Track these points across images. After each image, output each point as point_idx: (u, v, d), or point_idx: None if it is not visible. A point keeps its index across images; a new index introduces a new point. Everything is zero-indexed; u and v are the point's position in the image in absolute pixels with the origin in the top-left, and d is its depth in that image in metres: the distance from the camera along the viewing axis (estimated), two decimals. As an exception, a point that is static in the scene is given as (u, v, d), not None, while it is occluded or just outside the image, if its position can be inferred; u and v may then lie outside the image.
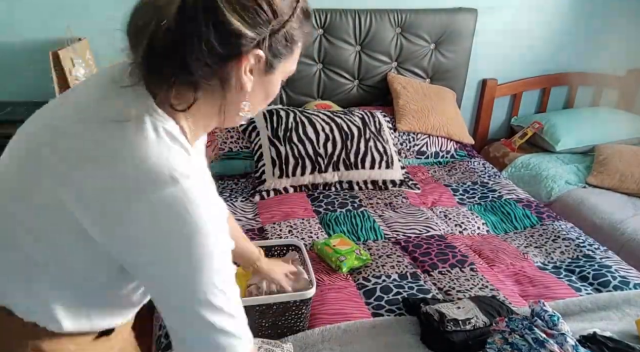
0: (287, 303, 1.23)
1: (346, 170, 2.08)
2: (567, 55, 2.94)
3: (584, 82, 3.01)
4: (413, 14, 2.49)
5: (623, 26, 2.90)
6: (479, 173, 2.34)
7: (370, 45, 2.49)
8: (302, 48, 0.76)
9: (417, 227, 1.83)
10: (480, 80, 2.87)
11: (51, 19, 2.12)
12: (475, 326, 1.23)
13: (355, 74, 2.55)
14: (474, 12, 2.60)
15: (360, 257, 1.58)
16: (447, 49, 2.61)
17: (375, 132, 2.18)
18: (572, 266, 1.65)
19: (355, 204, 1.97)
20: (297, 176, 2.03)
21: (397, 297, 1.43)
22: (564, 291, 1.50)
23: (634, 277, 1.57)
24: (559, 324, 1.13)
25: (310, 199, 2.00)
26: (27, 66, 2.15)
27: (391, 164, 2.14)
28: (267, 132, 2.09)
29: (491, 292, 1.47)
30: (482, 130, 2.98)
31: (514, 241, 1.81)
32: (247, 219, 1.85)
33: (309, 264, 1.32)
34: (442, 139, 2.48)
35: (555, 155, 2.68)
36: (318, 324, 1.31)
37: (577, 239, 1.80)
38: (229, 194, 2.02)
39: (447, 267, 1.60)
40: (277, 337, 1.25)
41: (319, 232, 1.78)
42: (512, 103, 3.00)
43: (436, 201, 2.07)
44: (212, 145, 2.16)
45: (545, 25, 2.83)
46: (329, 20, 2.39)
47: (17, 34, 2.12)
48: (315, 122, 2.12)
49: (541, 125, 2.76)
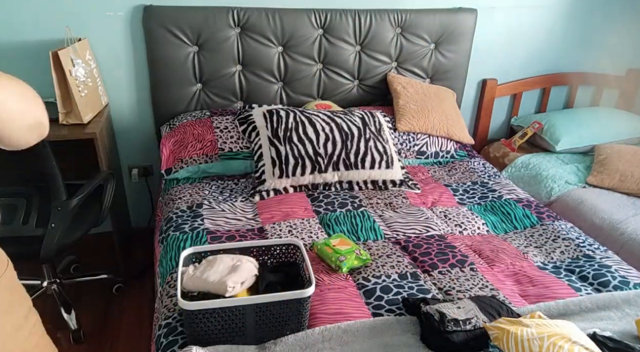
0: (285, 302, 1.23)
1: (346, 170, 2.08)
2: (567, 55, 2.95)
3: (584, 82, 3.01)
4: (413, 14, 2.49)
5: (623, 26, 2.90)
6: (479, 173, 2.34)
7: (370, 45, 2.49)
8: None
9: (417, 227, 1.83)
10: (480, 80, 2.88)
11: (51, 19, 2.12)
12: (475, 326, 1.23)
13: (355, 74, 2.55)
14: (474, 12, 2.60)
15: (360, 257, 1.58)
16: (447, 49, 2.62)
17: (375, 132, 2.18)
18: (572, 266, 1.66)
19: (355, 204, 1.97)
20: (297, 175, 2.03)
21: (397, 297, 1.43)
22: (564, 290, 1.50)
23: (634, 277, 1.57)
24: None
25: (310, 199, 2.00)
26: (27, 66, 2.16)
27: (391, 164, 2.14)
28: (267, 132, 2.09)
29: (491, 292, 1.47)
30: (482, 130, 2.98)
31: (514, 241, 1.81)
32: (247, 219, 1.85)
33: (309, 264, 1.32)
34: (442, 139, 2.48)
35: (555, 155, 2.69)
36: (318, 324, 1.31)
37: (577, 239, 1.80)
38: (229, 194, 2.02)
39: (447, 267, 1.60)
40: (276, 337, 1.25)
41: (319, 232, 1.78)
42: (512, 103, 3.00)
43: (436, 201, 2.07)
44: (211, 145, 2.16)
45: (545, 25, 2.83)
46: (329, 20, 2.39)
47: (17, 34, 2.12)
48: (315, 122, 2.12)
49: (541, 125, 2.77)
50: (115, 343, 2.02)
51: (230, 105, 2.44)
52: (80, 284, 2.31)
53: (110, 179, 2.01)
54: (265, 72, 2.40)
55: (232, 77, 2.38)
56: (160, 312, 1.41)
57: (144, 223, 2.65)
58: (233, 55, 2.34)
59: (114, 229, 2.30)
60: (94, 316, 2.16)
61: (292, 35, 2.36)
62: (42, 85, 2.14)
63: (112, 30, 2.22)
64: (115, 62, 2.29)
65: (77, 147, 2.09)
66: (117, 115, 2.40)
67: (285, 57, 2.40)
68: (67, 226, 1.81)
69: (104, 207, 1.99)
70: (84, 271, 2.43)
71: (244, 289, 1.28)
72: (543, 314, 1.27)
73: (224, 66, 2.35)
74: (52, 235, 1.76)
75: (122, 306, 2.23)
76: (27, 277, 2.18)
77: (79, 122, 2.03)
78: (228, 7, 2.26)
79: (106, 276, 2.29)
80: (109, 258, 2.41)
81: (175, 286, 1.47)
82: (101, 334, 2.07)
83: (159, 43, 2.22)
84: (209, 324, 1.20)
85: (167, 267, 1.59)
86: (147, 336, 1.93)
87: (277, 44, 2.37)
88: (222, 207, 1.91)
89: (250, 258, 1.38)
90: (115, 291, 2.30)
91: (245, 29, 2.31)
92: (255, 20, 2.30)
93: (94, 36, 2.20)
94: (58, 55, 1.90)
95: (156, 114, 2.40)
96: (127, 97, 2.39)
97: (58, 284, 2.14)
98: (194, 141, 2.16)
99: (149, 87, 2.36)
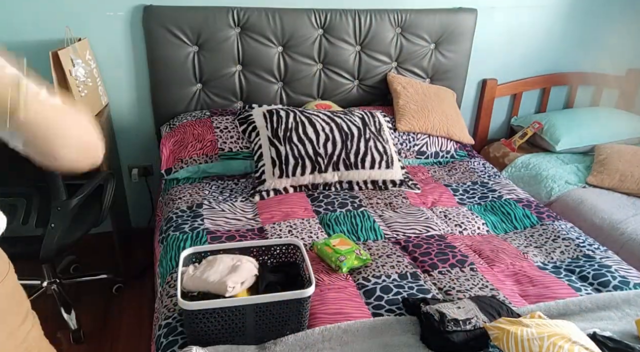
0: (285, 302, 1.23)
1: (346, 170, 2.08)
2: (567, 55, 2.94)
3: (584, 82, 3.01)
4: (413, 14, 2.49)
5: (623, 26, 2.90)
6: (479, 173, 2.34)
7: (370, 45, 2.49)
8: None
9: (417, 227, 1.83)
10: (480, 80, 2.88)
11: (51, 19, 2.12)
12: (475, 326, 1.23)
13: (355, 74, 2.55)
14: (474, 12, 2.60)
15: (360, 257, 1.58)
16: (447, 49, 2.62)
17: (375, 132, 2.18)
18: (572, 266, 1.66)
19: (355, 204, 1.97)
20: (297, 176, 2.03)
21: (397, 297, 1.43)
22: (564, 290, 1.50)
23: (634, 277, 1.57)
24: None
25: (310, 199, 2.00)
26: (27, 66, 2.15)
27: (391, 164, 2.14)
28: (267, 132, 2.09)
29: (491, 292, 1.47)
30: (482, 130, 2.98)
31: (514, 241, 1.81)
32: (247, 219, 1.85)
33: (309, 264, 1.32)
34: (442, 139, 2.48)
35: (555, 155, 2.69)
36: (318, 324, 1.31)
37: (577, 239, 1.80)
38: (229, 194, 2.02)
39: (447, 267, 1.60)
40: (276, 337, 1.25)
41: (319, 232, 1.78)
42: (512, 103, 3.00)
43: (436, 201, 2.07)
44: (211, 145, 2.16)
45: (545, 25, 2.83)
46: (329, 20, 2.39)
47: (17, 34, 2.12)
48: (315, 122, 2.12)
49: (541, 125, 2.77)
50: (115, 343, 2.02)
51: (230, 105, 2.44)
52: (80, 284, 2.31)
53: (110, 179, 2.01)
54: (265, 72, 2.40)
55: (232, 77, 2.38)
56: (160, 312, 1.41)
57: (144, 223, 2.65)
58: (233, 55, 2.34)
59: (114, 229, 2.30)
60: (94, 316, 2.16)
61: (292, 35, 2.36)
62: (42, 85, 2.14)
63: (112, 30, 2.22)
64: (115, 62, 2.29)
65: (77, 147, 2.08)
66: (117, 115, 2.40)
67: (285, 57, 2.40)
68: (67, 226, 1.81)
69: (104, 207, 1.99)
70: (84, 271, 2.43)
71: (244, 289, 1.28)
72: (543, 314, 1.27)
73: (224, 66, 2.35)
74: (52, 235, 1.76)
75: (122, 306, 2.23)
76: (27, 277, 2.18)
77: (79, 122, 2.03)
78: (228, 7, 2.26)
79: (106, 276, 2.29)
80: (109, 258, 2.41)
81: (175, 286, 1.47)
82: (101, 334, 2.07)
83: (159, 43, 2.23)
84: (209, 324, 1.20)
85: (167, 267, 1.59)
86: (147, 336, 1.93)
87: (277, 44, 2.37)
88: (222, 207, 1.91)
89: (250, 258, 1.38)
90: (115, 291, 2.30)
91: (245, 29, 2.31)
92: (255, 20, 2.30)
93: (94, 36, 2.20)
94: (58, 55, 1.90)
95: (156, 114, 2.40)
96: (127, 97, 2.39)
97: (58, 284, 2.14)
98: (194, 141, 2.16)
99: (149, 87, 2.36)
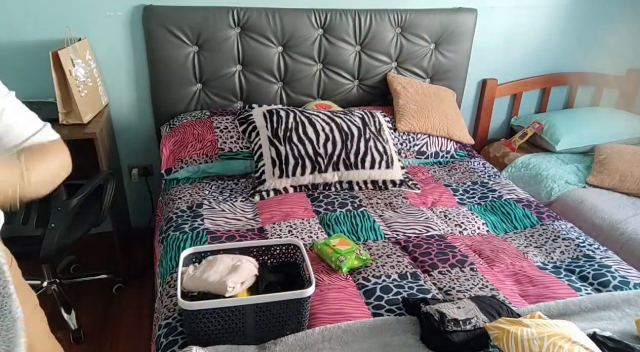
0: (285, 302, 1.23)
1: (346, 170, 2.08)
2: (567, 55, 2.95)
3: (583, 82, 3.01)
4: (413, 14, 2.49)
5: (623, 26, 2.90)
6: (479, 173, 2.34)
7: (370, 45, 2.49)
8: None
9: (417, 227, 1.83)
10: (480, 80, 2.88)
11: (51, 19, 2.12)
12: (475, 326, 1.23)
13: (355, 74, 2.55)
14: (474, 12, 2.60)
15: (360, 257, 1.58)
16: (447, 49, 2.62)
17: (375, 132, 2.18)
18: (572, 266, 1.66)
19: (355, 204, 1.97)
20: (297, 176, 2.03)
21: (397, 297, 1.43)
22: (564, 290, 1.50)
23: (634, 277, 1.57)
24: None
25: (310, 199, 2.00)
26: (27, 66, 2.16)
27: (391, 164, 2.14)
28: (267, 132, 2.09)
29: (491, 292, 1.47)
30: (482, 130, 2.98)
31: (514, 241, 1.81)
32: (247, 219, 1.85)
33: (309, 264, 1.32)
34: (442, 139, 2.48)
35: (555, 155, 2.69)
36: (318, 324, 1.31)
37: (577, 239, 1.80)
38: (229, 194, 2.02)
39: (447, 267, 1.60)
40: (276, 337, 1.25)
41: (318, 232, 1.78)
42: (512, 103, 3.00)
43: (436, 201, 2.07)
44: (211, 145, 2.16)
45: (545, 25, 2.83)
46: (329, 20, 2.39)
47: (17, 34, 2.12)
48: (315, 122, 2.12)
49: (541, 125, 2.77)
50: (115, 343, 2.02)
51: (230, 105, 2.44)
52: (80, 284, 2.31)
53: (110, 179, 2.01)
54: (265, 72, 2.40)
55: (232, 77, 2.38)
56: (160, 312, 1.41)
57: (144, 223, 2.65)
58: (233, 55, 2.34)
59: (114, 229, 2.30)
60: (94, 316, 2.16)
61: (292, 35, 2.36)
62: (42, 86, 2.15)
63: (112, 30, 2.22)
64: (115, 62, 2.29)
65: (77, 147, 2.06)
66: (117, 115, 2.40)
67: (285, 57, 2.40)
68: (67, 226, 1.81)
69: (104, 207, 1.99)
70: (84, 271, 2.43)
71: (244, 289, 1.28)
72: (543, 314, 1.27)
73: (224, 66, 2.35)
74: (52, 235, 1.76)
75: (122, 306, 2.23)
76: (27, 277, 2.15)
77: (79, 122, 2.03)
78: (228, 7, 2.26)
79: (106, 276, 2.29)
80: (109, 258, 2.41)
81: (175, 286, 1.47)
82: (101, 334, 2.07)
83: (159, 43, 2.22)
84: (209, 324, 1.20)
85: (167, 267, 1.59)
86: (147, 336, 1.93)
87: (277, 44, 2.37)
88: (222, 207, 1.91)
89: (250, 258, 1.38)
90: (115, 291, 2.30)
91: (245, 29, 2.31)
92: (255, 20, 2.30)
93: (94, 36, 2.20)
94: (58, 55, 1.90)
95: (156, 114, 2.40)
96: (127, 97, 2.39)
97: (58, 284, 2.14)
98: (194, 141, 2.16)
99: (149, 87, 2.36)
